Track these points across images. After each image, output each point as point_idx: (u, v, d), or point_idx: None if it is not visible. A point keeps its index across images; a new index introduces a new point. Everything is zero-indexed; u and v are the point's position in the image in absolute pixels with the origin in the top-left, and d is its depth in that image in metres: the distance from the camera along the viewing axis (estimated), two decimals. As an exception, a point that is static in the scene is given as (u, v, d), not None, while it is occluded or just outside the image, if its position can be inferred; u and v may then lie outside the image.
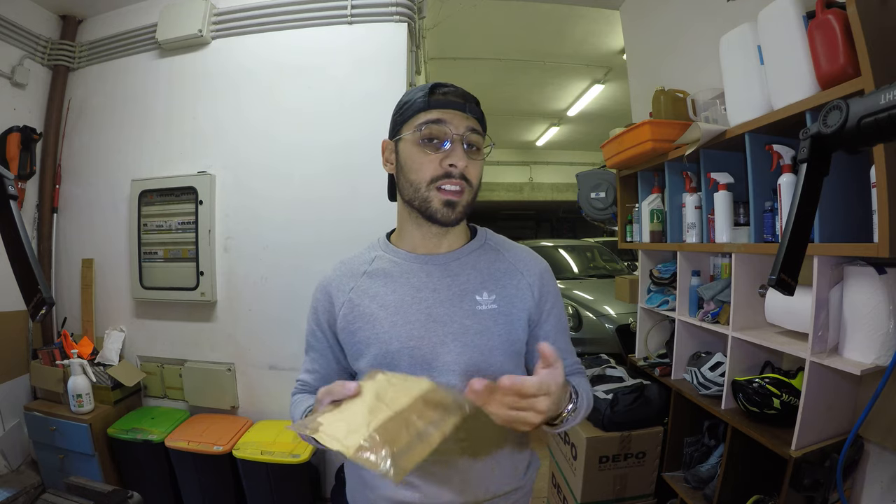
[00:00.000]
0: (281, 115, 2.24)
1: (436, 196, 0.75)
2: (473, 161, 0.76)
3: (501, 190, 9.27)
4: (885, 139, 0.51)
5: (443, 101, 0.75)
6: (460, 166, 0.74)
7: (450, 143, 0.74)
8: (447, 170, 0.74)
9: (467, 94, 0.78)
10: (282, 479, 1.96)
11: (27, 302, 0.62)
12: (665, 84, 1.76)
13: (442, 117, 0.74)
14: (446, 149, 0.74)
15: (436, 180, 0.74)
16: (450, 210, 0.75)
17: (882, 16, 0.99)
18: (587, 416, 0.82)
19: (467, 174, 0.75)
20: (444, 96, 0.76)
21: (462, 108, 0.75)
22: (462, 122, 0.75)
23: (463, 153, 0.74)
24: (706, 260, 1.72)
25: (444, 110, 0.75)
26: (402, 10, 2.17)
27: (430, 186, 0.75)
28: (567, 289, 4.17)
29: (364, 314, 0.79)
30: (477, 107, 0.78)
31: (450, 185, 0.74)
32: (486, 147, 0.80)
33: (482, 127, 0.79)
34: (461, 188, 0.75)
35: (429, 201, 0.75)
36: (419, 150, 0.75)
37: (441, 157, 0.74)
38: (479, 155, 0.78)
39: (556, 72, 4.94)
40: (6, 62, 2.29)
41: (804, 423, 1.17)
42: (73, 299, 2.48)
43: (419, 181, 0.75)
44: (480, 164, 0.79)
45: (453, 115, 0.75)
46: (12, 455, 2.24)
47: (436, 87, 0.77)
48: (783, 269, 0.57)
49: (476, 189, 0.78)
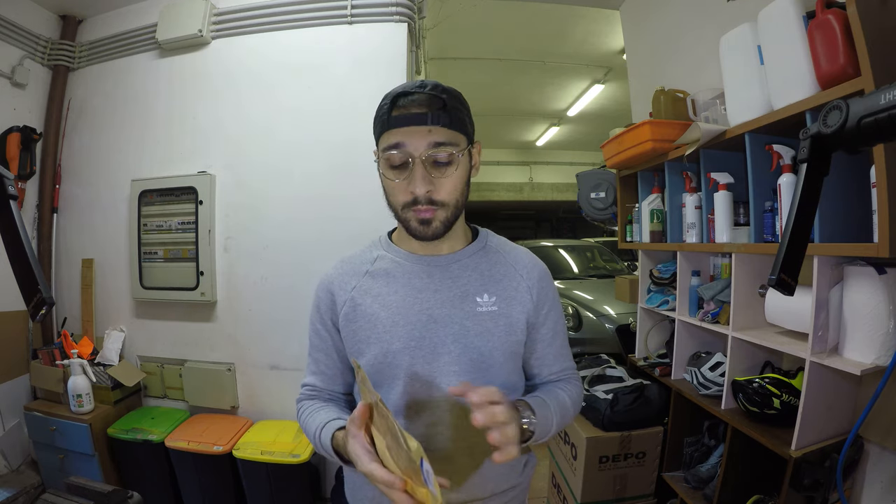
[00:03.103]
0: (281, 114, 2.24)
1: (412, 216, 0.74)
2: (442, 178, 0.72)
3: (501, 190, 9.26)
4: (885, 139, 0.51)
5: (403, 117, 0.71)
6: (419, 193, 0.71)
7: (410, 166, 0.71)
8: (413, 195, 0.72)
9: (433, 99, 0.71)
10: (282, 479, 1.96)
11: (27, 302, 0.62)
12: (665, 84, 1.76)
13: (400, 140, 0.71)
14: (408, 173, 0.72)
15: (407, 206, 0.74)
16: (426, 227, 0.74)
17: (882, 16, 0.99)
18: (566, 423, 0.84)
19: (434, 197, 0.72)
20: (405, 109, 0.71)
21: (423, 121, 0.70)
22: (422, 139, 0.70)
23: (423, 177, 0.71)
24: (706, 260, 1.72)
25: (403, 129, 0.71)
26: (402, 9, 2.17)
27: (404, 210, 0.75)
28: (567, 289, 4.17)
29: (366, 313, 0.79)
30: (444, 112, 0.71)
31: (419, 211, 0.73)
32: (461, 153, 0.73)
33: (461, 127, 0.74)
34: (431, 211, 0.73)
35: (407, 221, 0.75)
36: (389, 174, 0.73)
37: (405, 183, 0.72)
38: (451, 168, 0.73)
39: (556, 72, 4.94)
40: (6, 62, 2.29)
41: (804, 423, 1.17)
42: (73, 299, 2.48)
43: (395, 205, 0.76)
44: (453, 179, 0.73)
45: (413, 134, 0.70)
46: (12, 455, 2.24)
47: (398, 97, 0.72)
48: (783, 269, 0.57)
49: (455, 202, 0.75)
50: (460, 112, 0.74)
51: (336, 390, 0.87)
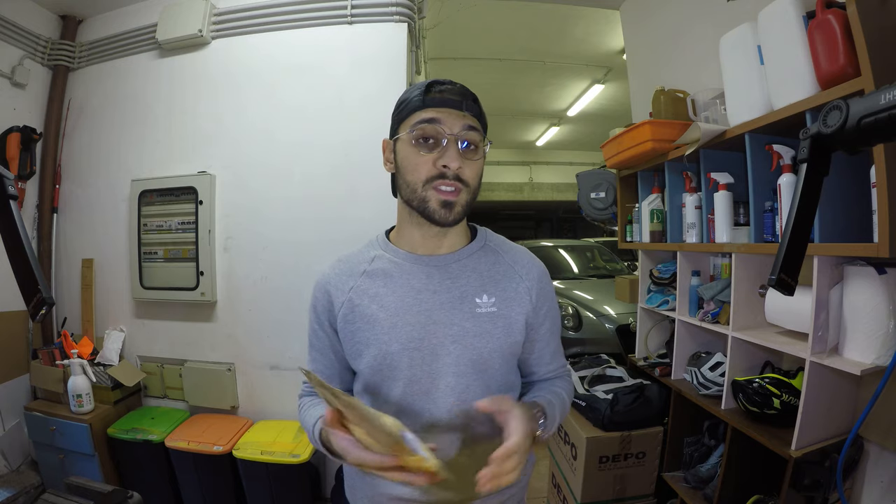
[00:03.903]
0: (281, 114, 2.24)
1: (433, 195, 0.73)
2: (470, 161, 0.74)
3: (501, 190, 9.27)
4: (885, 139, 0.51)
5: (438, 99, 0.74)
6: (453, 167, 0.72)
7: (444, 142, 0.73)
8: (441, 170, 0.72)
9: (465, 91, 0.76)
10: (282, 479, 1.96)
11: (27, 302, 0.62)
12: (665, 84, 1.76)
13: (436, 116, 0.73)
14: (441, 148, 0.73)
15: (431, 180, 0.73)
16: (447, 211, 0.74)
17: (882, 16, 0.99)
18: (562, 419, 0.85)
19: (462, 175, 0.73)
20: (441, 94, 0.74)
21: (459, 106, 0.74)
22: (457, 120, 0.73)
23: (457, 153, 0.73)
24: (706, 260, 1.72)
25: (439, 109, 0.73)
26: (402, 10, 2.17)
27: (426, 186, 0.73)
28: (567, 289, 4.17)
29: (364, 315, 0.79)
30: (475, 104, 0.76)
31: (445, 186, 0.73)
32: (484, 145, 0.77)
33: (482, 124, 0.77)
34: (456, 189, 0.73)
35: (426, 201, 0.74)
36: (414, 150, 0.74)
37: (435, 157, 0.73)
38: (477, 154, 0.76)
39: (556, 72, 4.94)
40: (6, 62, 2.29)
41: (804, 423, 1.17)
42: (73, 299, 2.48)
43: (415, 181, 0.74)
44: (478, 164, 0.76)
45: (448, 114, 0.73)
46: (12, 455, 2.24)
47: (432, 84, 0.75)
48: (783, 269, 0.57)
49: (475, 189, 0.76)
50: (481, 111, 0.79)
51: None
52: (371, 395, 0.80)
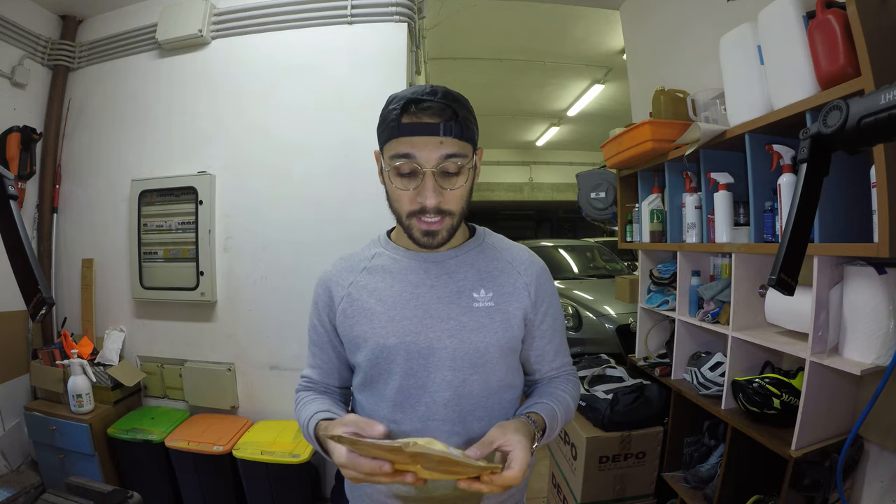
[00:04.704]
0: (281, 114, 2.24)
1: (416, 225, 0.75)
2: (450, 190, 0.73)
3: (501, 190, 9.27)
4: (885, 139, 0.51)
5: (414, 125, 0.70)
6: (429, 205, 0.71)
7: (422, 177, 0.71)
8: (421, 205, 0.72)
9: (446, 106, 0.70)
10: (282, 479, 1.96)
11: (27, 302, 0.62)
12: (665, 84, 1.76)
13: (410, 151, 0.70)
14: (418, 185, 0.72)
15: (412, 214, 0.74)
16: (430, 238, 0.75)
17: (882, 16, 0.99)
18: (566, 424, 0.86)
19: (443, 207, 0.73)
20: (417, 117, 0.70)
21: (436, 131, 0.69)
22: (434, 151, 0.70)
23: (434, 189, 0.71)
24: (706, 260, 1.72)
25: (414, 139, 0.70)
26: (402, 10, 2.17)
27: (409, 217, 0.75)
28: (567, 289, 4.17)
29: (362, 309, 0.80)
30: (457, 121, 0.71)
31: (427, 218, 0.73)
32: (469, 164, 0.74)
33: (469, 133, 0.73)
34: (439, 220, 0.74)
35: (410, 229, 0.76)
36: (395, 182, 0.73)
37: (413, 194, 0.72)
38: (459, 180, 0.73)
39: (556, 72, 4.94)
40: (6, 62, 2.29)
41: (804, 423, 1.17)
42: (73, 299, 2.48)
43: (399, 212, 0.76)
44: (461, 190, 0.74)
45: (424, 144, 0.70)
46: (12, 455, 2.24)
47: (409, 104, 0.70)
48: (783, 269, 0.57)
49: (461, 212, 0.76)
50: (469, 121, 0.74)
51: (331, 384, 0.89)
52: (369, 388, 0.81)
